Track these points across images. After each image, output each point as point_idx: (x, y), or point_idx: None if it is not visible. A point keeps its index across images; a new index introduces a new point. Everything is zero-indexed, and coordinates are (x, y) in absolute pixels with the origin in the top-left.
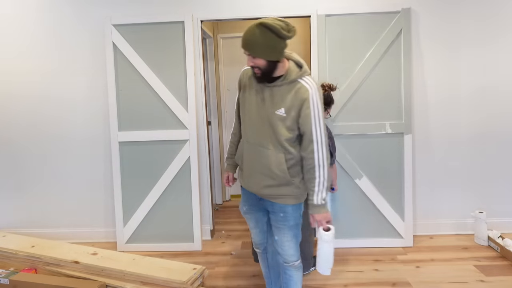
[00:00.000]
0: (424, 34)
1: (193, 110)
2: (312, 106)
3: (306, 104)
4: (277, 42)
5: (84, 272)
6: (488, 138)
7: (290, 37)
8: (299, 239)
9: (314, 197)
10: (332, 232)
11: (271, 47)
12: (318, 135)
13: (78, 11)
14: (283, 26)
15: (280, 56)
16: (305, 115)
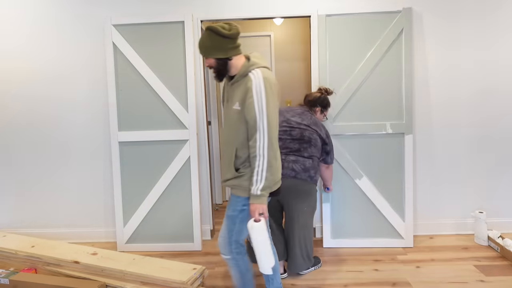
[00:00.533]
0: (425, 33)
1: (193, 110)
2: (255, 95)
3: (249, 93)
4: (221, 41)
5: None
6: (488, 138)
7: (230, 35)
8: (233, 233)
9: (252, 186)
10: (260, 224)
11: (217, 47)
12: (261, 124)
13: (78, 11)
14: (224, 26)
15: (228, 54)
16: (248, 104)
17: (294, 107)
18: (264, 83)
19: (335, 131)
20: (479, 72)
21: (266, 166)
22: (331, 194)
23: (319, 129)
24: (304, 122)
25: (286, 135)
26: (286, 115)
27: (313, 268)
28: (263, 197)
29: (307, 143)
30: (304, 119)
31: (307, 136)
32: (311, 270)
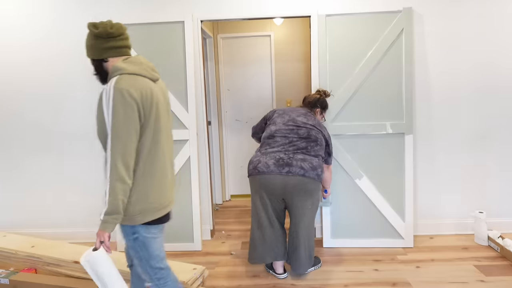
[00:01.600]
0: (426, 33)
1: (193, 110)
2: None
3: (100, 101)
4: (95, 41)
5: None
6: (488, 138)
7: (100, 34)
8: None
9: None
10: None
11: (91, 46)
12: (108, 141)
13: (77, 10)
14: (96, 25)
15: (102, 55)
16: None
17: (297, 108)
18: (114, 94)
19: (335, 131)
20: (479, 72)
21: (108, 188)
22: (331, 195)
23: (323, 130)
24: (310, 122)
25: (293, 134)
26: (292, 115)
27: (313, 268)
28: (106, 224)
29: (314, 142)
30: (309, 119)
31: (313, 135)
32: (311, 270)
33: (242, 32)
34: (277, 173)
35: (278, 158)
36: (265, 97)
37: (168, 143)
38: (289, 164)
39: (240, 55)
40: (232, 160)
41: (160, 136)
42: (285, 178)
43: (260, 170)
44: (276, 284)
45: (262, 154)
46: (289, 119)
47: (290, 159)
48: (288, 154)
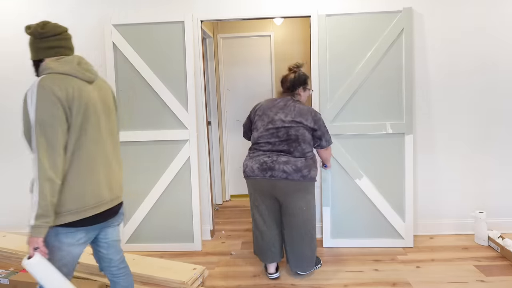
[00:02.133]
0: (426, 33)
1: (193, 110)
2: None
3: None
4: (32, 41)
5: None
6: (488, 138)
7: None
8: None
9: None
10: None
11: (30, 46)
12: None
13: (78, 10)
14: (29, 26)
15: (35, 55)
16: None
17: (276, 99)
18: (37, 93)
19: (335, 131)
20: (479, 73)
21: (37, 189)
22: (331, 194)
23: (305, 119)
24: (288, 117)
25: (274, 138)
26: (270, 114)
27: (313, 268)
28: (38, 229)
29: (295, 141)
30: (288, 113)
31: (293, 134)
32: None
33: (242, 32)
34: (261, 177)
35: (262, 162)
36: (265, 97)
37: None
38: (271, 168)
39: (240, 55)
40: (232, 160)
41: (87, 136)
42: (270, 182)
43: (248, 174)
44: (276, 284)
45: (249, 158)
46: (268, 121)
47: (273, 162)
48: (271, 157)
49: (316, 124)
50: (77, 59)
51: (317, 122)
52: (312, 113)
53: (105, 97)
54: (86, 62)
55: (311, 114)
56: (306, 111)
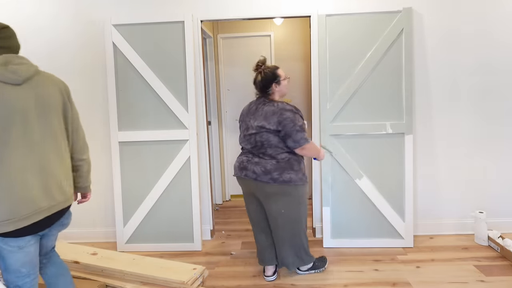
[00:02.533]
0: (426, 33)
1: (193, 110)
2: None
3: None
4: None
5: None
6: (488, 138)
7: None
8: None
9: None
10: None
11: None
12: None
13: (78, 11)
14: None
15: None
16: None
17: (252, 104)
18: None
19: (335, 131)
20: (479, 72)
21: None
22: (331, 194)
23: (268, 122)
24: (256, 123)
25: (249, 144)
26: (246, 120)
27: (315, 271)
28: None
29: (262, 147)
30: (256, 118)
31: (258, 140)
32: (312, 272)
33: (242, 32)
34: (239, 175)
35: (241, 161)
36: None
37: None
38: (245, 167)
39: (240, 55)
40: (232, 160)
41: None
42: (245, 181)
43: (234, 173)
44: (276, 284)
45: (238, 156)
46: (246, 127)
47: (248, 162)
48: (248, 157)
49: (280, 124)
50: (5, 59)
51: (281, 122)
52: (278, 113)
53: (43, 95)
54: (18, 62)
55: (277, 115)
56: (271, 113)
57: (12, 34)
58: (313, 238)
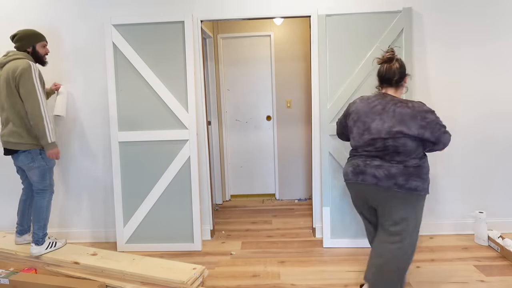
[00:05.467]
0: (425, 33)
1: (193, 110)
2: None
3: None
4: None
5: (84, 272)
6: (488, 138)
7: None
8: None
9: None
10: None
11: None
12: None
13: (78, 11)
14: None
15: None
16: None
17: (373, 101)
18: None
19: (335, 131)
20: (479, 72)
21: None
22: (331, 194)
23: (407, 127)
24: (386, 126)
25: (371, 148)
26: (366, 121)
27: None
28: None
29: (393, 152)
30: (385, 121)
31: (390, 145)
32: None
33: (242, 32)
34: (354, 181)
35: (356, 165)
36: (265, 97)
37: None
38: (362, 172)
39: (240, 55)
40: (232, 160)
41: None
42: (361, 186)
43: (344, 178)
44: (276, 284)
45: (347, 162)
46: (364, 129)
47: (366, 165)
48: (365, 160)
49: (426, 130)
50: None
51: (426, 127)
52: (418, 117)
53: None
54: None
55: (417, 119)
56: (408, 116)
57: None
58: (313, 238)
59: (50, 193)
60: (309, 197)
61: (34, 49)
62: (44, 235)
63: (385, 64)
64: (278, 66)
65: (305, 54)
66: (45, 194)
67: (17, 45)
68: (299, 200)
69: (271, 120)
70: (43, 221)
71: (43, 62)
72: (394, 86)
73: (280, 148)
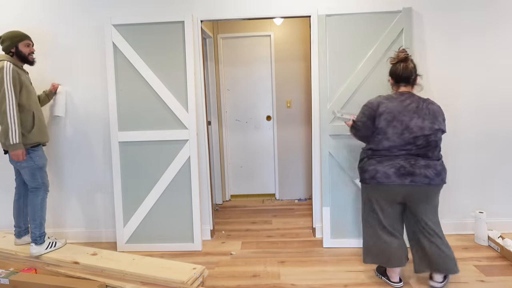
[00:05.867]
0: (425, 34)
1: (193, 110)
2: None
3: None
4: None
5: (84, 272)
6: (488, 138)
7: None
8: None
9: None
10: None
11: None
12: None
13: (78, 11)
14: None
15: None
16: None
17: (404, 100)
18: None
19: (335, 131)
20: (479, 72)
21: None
22: (331, 194)
23: (439, 122)
24: (426, 123)
25: (410, 145)
26: (404, 120)
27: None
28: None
29: (435, 147)
30: (424, 118)
31: (433, 140)
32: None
33: (242, 32)
34: (400, 183)
35: (399, 166)
36: (265, 97)
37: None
38: (411, 173)
39: (240, 55)
40: (232, 160)
41: None
42: (408, 188)
43: (379, 181)
44: (276, 284)
45: (378, 162)
46: (403, 128)
47: (412, 166)
48: (409, 161)
49: (444, 122)
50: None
51: (444, 121)
52: (441, 112)
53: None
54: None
55: (441, 114)
56: (437, 112)
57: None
58: (313, 238)
59: (44, 191)
60: (309, 197)
61: (17, 49)
62: (42, 234)
63: (401, 63)
64: (278, 66)
65: (305, 54)
66: (38, 192)
67: (2, 47)
68: (299, 200)
69: (271, 120)
70: (39, 219)
71: (29, 61)
72: (411, 85)
73: (280, 148)
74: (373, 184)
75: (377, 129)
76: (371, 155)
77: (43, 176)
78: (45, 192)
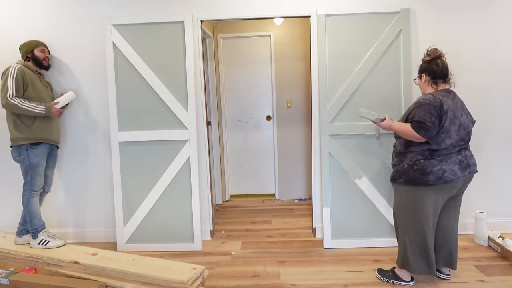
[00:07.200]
0: (424, 34)
1: (193, 110)
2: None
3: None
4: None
5: (84, 272)
6: (488, 137)
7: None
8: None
9: None
10: None
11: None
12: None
13: (78, 11)
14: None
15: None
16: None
17: (454, 97)
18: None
19: (335, 131)
20: (477, 72)
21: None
22: (331, 194)
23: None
24: (469, 118)
25: (462, 142)
26: (458, 116)
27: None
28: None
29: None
30: (467, 113)
31: (470, 133)
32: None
33: (242, 32)
34: (462, 177)
35: (459, 161)
36: (265, 97)
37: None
38: (469, 164)
39: (240, 55)
40: (232, 160)
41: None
42: (465, 179)
43: (447, 180)
44: (276, 284)
45: (440, 161)
46: (460, 125)
47: (466, 158)
48: (463, 154)
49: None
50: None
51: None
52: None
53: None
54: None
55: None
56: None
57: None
58: (313, 238)
59: (30, 190)
60: (309, 197)
61: (33, 54)
62: (34, 230)
63: (437, 60)
64: (278, 66)
65: (305, 54)
66: (25, 190)
67: (21, 54)
68: (299, 200)
69: (271, 120)
70: (27, 216)
71: (44, 65)
72: (447, 82)
73: (280, 148)
74: (439, 185)
75: (441, 128)
76: (431, 155)
77: (32, 176)
78: (31, 191)
